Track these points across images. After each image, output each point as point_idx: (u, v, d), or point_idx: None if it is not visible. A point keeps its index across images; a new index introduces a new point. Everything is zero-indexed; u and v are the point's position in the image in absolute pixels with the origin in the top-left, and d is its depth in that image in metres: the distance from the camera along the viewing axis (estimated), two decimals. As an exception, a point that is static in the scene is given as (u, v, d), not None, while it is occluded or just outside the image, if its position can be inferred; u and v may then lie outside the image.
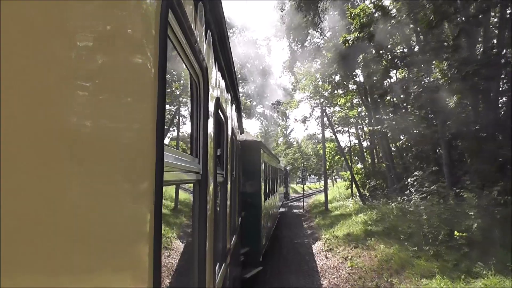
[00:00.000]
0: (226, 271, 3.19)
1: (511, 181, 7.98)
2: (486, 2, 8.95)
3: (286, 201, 26.32)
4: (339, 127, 22.68)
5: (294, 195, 35.14)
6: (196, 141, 1.85)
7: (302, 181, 25.24)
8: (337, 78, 19.81)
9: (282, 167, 21.66)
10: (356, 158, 23.31)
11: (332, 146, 25.81)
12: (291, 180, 42.61)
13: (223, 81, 3.05)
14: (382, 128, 13.95)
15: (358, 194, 18.63)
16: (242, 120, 6.65)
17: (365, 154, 22.04)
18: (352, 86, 20.00)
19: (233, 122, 4.22)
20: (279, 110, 30.50)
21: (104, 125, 0.66)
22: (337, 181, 48.23)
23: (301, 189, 34.65)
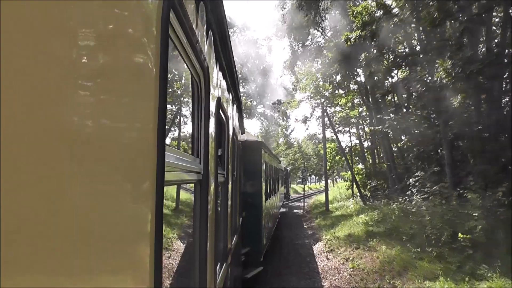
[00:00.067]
0: (227, 271, 3.19)
1: None
2: (490, 1, 8.89)
3: (286, 201, 26.32)
4: (340, 127, 22.69)
5: (295, 195, 35.06)
6: (197, 141, 1.85)
7: (302, 181, 25.24)
8: (338, 78, 19.80)
9: (283, 167, 21.66)
10: (357, 158, 23.27)
11: (333, 146, 25.79)
12: (292, 180, 42.54)
13: (224, 81, 3.05)
14: (383, 128, 13.87)
15: (359, 194, 18.58)
16: (243, 120, 6.65)
17: (366, 154, 22.03)
18: (353, 86, 19.98)
19: (234, 122, 4.22)
20: (280, 110, 30.41)
21: (105, 125, 0.66)
22: (337, 181, 48.18)
23: (301, 189, 34.63)
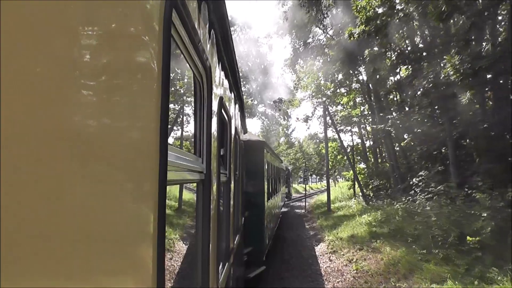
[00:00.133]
0: (230, 271, 3.19)
1: None
2: None
3: (288, 201, 26.28)
4: (342, 126, 22.62)
5: (296, 195, 34.88)
6: (199, 140, 1.85)
7: (303, 181, 25.17)
8: (340, 76, 19.71)
9: (284, 167, 21.63)
10: (358, 157, 23.17)
11: (334, 145, 25.71)
12: (293, 180, 42.47)
13: (227, 80, 3.05)
14: (386, 126, 13.70)
15: (361, 194, 18.51)
16: (245, 119, 6.64)
17: (367, 153, 21.94)
18: (355, 84, 19.89)
19: (236, 121, 4.22)
20: (281, 109, 30.24)
21: (107, 124, 0.66)
22: (338, 181, 48.07)
23: (302, 189, 34.54)
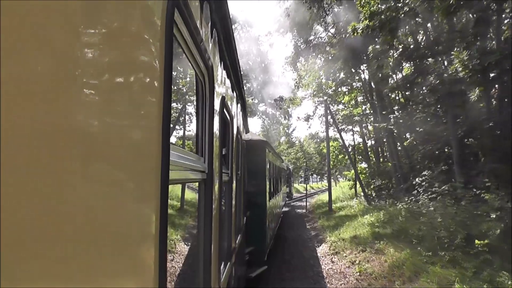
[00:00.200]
0: (231, 270, 3.19)
1: None
2: None
3: (289, 200, 26.23)
4: (343, 126, 22.54)
5: (297, 195, 34.63)
6: (201, 140, 1.85)
7: (304, 180, 25.02)
8: (341, 75, 19.61)
9: (286, 167, 21.59)
10: (360, 157, 23.06)
11: (335, 145, 25.60)
12: (294, 179, 42.35)
13: (229, 80, 3.05)
14: (388, 124, 13.52)
15: (362, 194, 18.41)
16: (247, 119, 6.64)
17: (369, 153, 21.85)
18: (356, 83, 19.80)
19: (238, 121, 4.22)
20: (282, 107, 30.07)
21: (109, 123, 0.66)
22: (339, 180, 47.95)
23: (303, 188, 34.37)
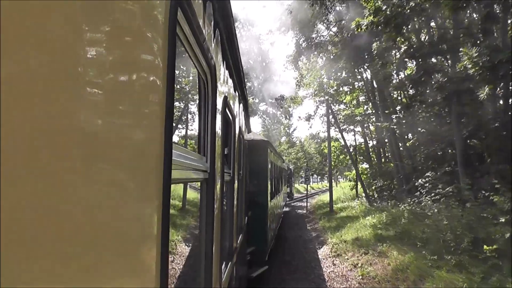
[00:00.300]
0: (232, 270, 3.19)
1: None
2: None
3: (289, 200, 26.18)
4: (345, 126, 22.45)
5: (297, 195, 34.49)
6: (203, 139, 1.85)
7: (305, 181, 24.85)
8: (343, 74, 19.52)
9: (287, 167, 21.54)
10: (361, 157, 22.95)
11: (336, 145, 25.49)
12: (294, 179, 42.26)
13: (231, 79, 3.05)
14: (390, 124, 13.36)
15: (364, 195, 18.30)
16: (249, 119, 6.65)
17: (371, 153, 21.75)
18: (358, 83, 19.71)
19: (240, 121, 4.22)
20: (283, 106, 29.91)
21: (111, 122, 0.66)
22: (340, 181, 47.85)
23: (303, 189, 34.17)
